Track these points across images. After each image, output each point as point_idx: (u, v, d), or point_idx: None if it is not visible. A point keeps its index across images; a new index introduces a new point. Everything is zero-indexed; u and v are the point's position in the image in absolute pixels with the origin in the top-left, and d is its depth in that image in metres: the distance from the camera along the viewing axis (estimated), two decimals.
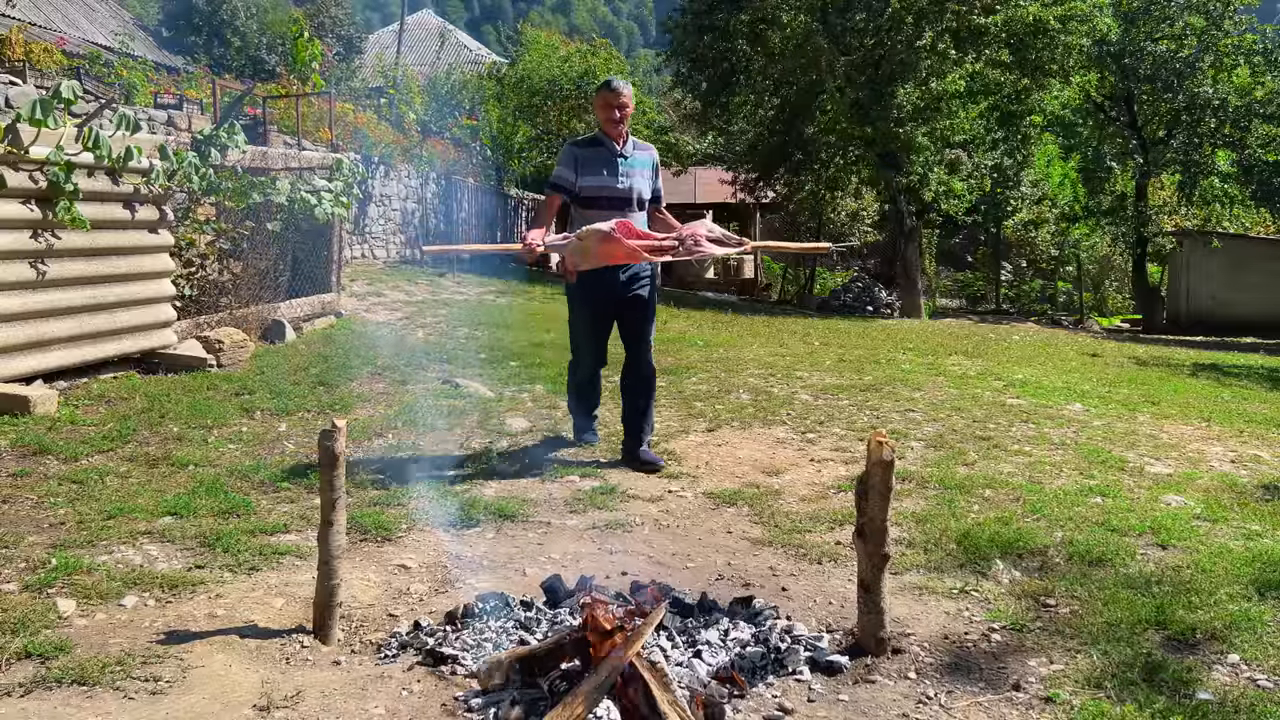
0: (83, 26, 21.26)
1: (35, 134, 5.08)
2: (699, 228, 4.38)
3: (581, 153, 4.76)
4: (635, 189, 4.73)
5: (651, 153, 4.91)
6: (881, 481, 2.65)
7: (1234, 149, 20.20)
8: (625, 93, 4.72)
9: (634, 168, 4.75)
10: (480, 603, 2.92)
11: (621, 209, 4.66)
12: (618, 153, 4.73)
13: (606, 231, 4.20)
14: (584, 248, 4.25)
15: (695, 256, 4.38)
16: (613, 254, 4.24)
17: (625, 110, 4.69)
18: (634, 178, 4.74)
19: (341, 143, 13.41)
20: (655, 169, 4.87)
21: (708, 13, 18.46)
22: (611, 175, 4.71)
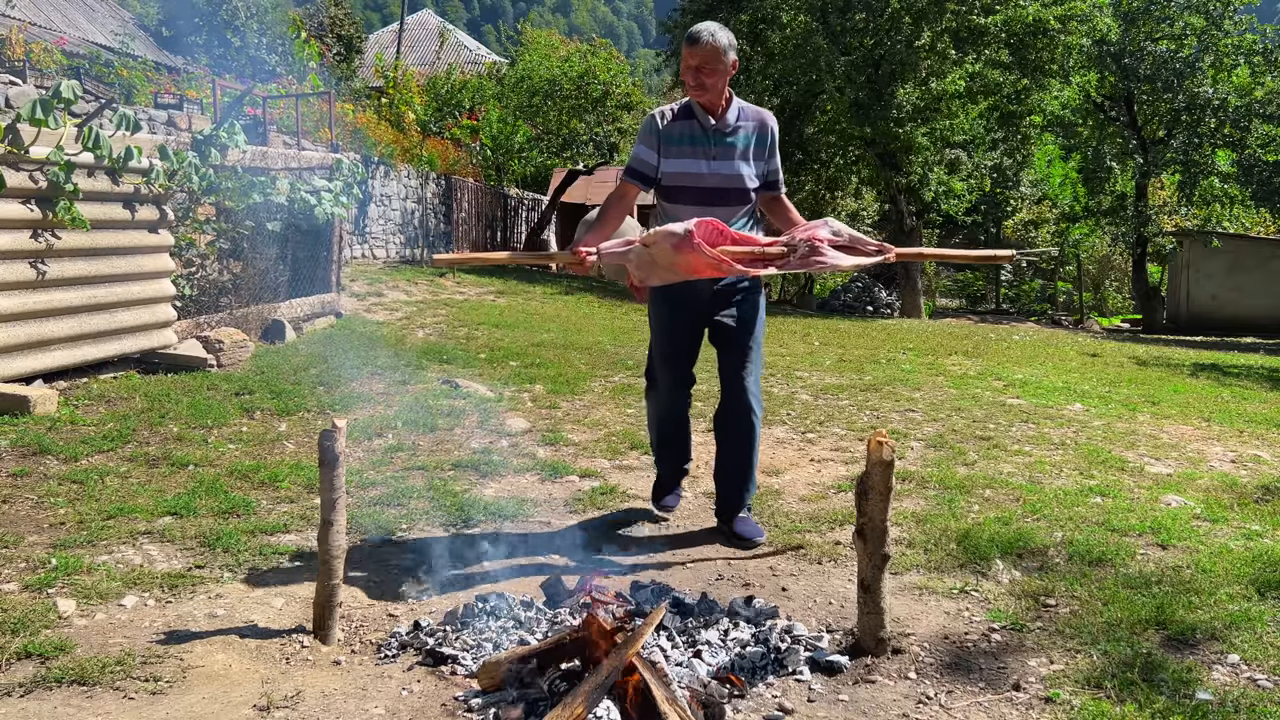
0: (83, 26, 21.26)
1: (35, 134, 5.08)
2: (819, 228, 3.30)
3: (668, 127, 3.61)
4: (733, 176, 3.59)
5: (763, 120, 3.67)
6: (881, 481, 2.65)
7: (1234, 149, 20.19)
8: (707, 44, 3.44)
9: (733, 145, 3.59)
10: (480, 603, 2.92)
11: (712, 204, 3.56)
12: (709, 128, 3.58)
13: (681, 235, 3.14)
14: (651, 257, 3.24)
15: (814, 268, 3.30)
16: (692, 265, 3.18)
17: (706, 71, 3.46)
18: (731, 160, 3.59)
19: (341, 143, 13.42)
20: (768, 142, 3.67)
21: (707, 13, 18.45)
22: (697, 158, 3.58)
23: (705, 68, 3.47)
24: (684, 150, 3.60)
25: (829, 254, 3.26)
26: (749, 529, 3.76)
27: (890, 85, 16.73)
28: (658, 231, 3.21)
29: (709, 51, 3.45)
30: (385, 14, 74.76)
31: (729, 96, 3.60)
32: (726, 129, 3.60)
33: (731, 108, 3.61)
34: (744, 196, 3.64)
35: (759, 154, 3.66)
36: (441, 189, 17.27)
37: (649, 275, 3.32)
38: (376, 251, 15.07)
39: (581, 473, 4.61)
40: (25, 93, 9.21)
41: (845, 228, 3.35)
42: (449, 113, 21.31)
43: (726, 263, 3.17)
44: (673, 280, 3.35)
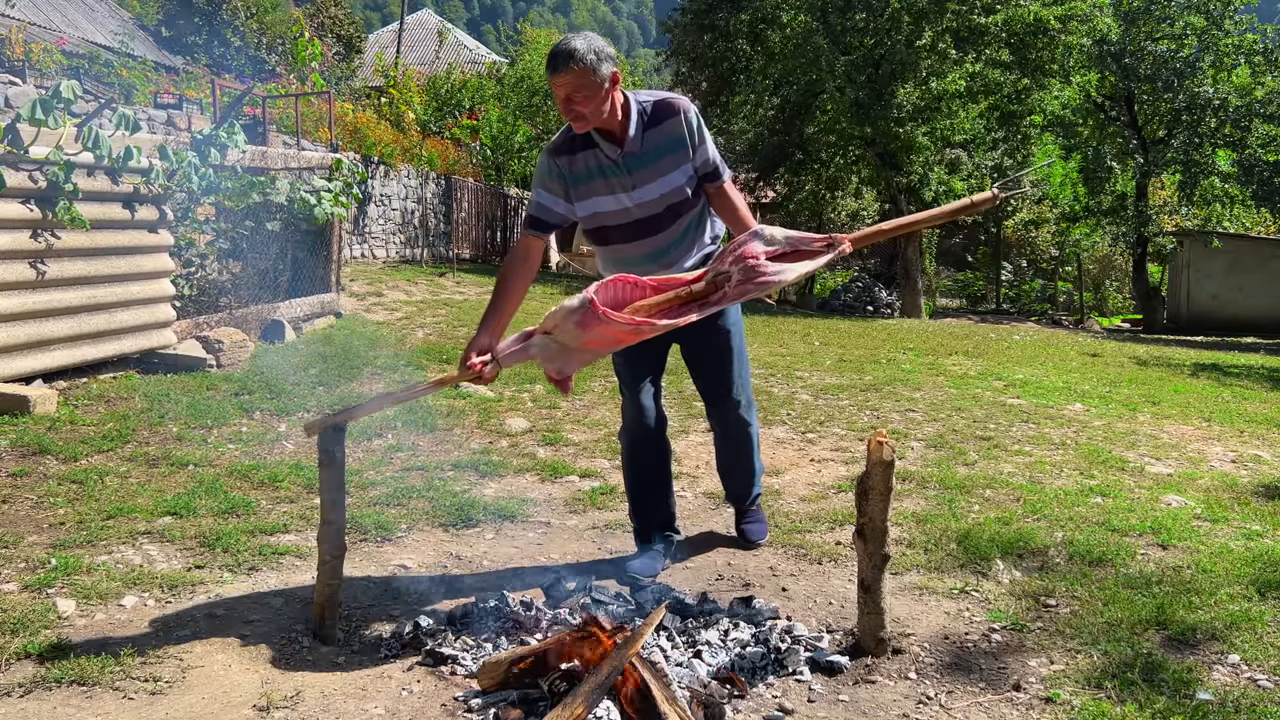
0: (83, 26, 21.26)
1: (35, 134, 5.08)
2: (750, 243, 2.71)
3: (571, 165, 3.05)
4: (662, 198, 3.07)
5: (677, 120, 3.03)
6: (881, 482, 2.65)
7: (1234, 149, 20.18)
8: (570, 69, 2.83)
9: (650, 165, 3.03)
10: (480, 603, 2.92)
11: (651, 232, 3.11)
12: (614, 157, 3.02)
13: (582, 308, 2.64)
14: (559, 344, 2.75)
15: (758, 290, 2.67)
16: (608, 337, 2.71)
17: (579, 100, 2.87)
18: (654, 182, 3.05)
19: (341, 143, 13.42)
20: (690, 137, 3.05)
21: (708, 13, 18.48)
22: (614, 192, 3.06)
23: (576, 96, 2.85)
24: (595, 187, 3.05)
25: (769, 269, 2.68)
26: (755, 529, 3.67)
27: (890, 85, 16.73)
28: (555, 312, 2.69)
29: (574, 77, 2.83)
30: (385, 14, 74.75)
31: (624, 106, 2.99)
32: (636, 150, 3.01)
33: (631, 123, 2.98)
34: (680, 207, 3.12)
35: (682, 157, 3.06)
36: (441, 189, 17.27)
37: (565, 364, 2.82)
38: (376, 251, 15.06)
39: (581, 473, 4.61)
40: (25, 93, 9.20)
41: (779, 231, 2.77)
42: (449, 112, 21.33)
43: (646, 323, 2.65)
44: (594, 359, 2.89)
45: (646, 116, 3.02)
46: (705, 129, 3.09)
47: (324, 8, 26.14)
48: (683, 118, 3.03)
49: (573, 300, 2.65)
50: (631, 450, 3.46)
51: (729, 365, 3.36)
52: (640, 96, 3.04)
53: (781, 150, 19.51)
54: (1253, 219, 23.61)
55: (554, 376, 2.85)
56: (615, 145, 3.01)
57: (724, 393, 3.41)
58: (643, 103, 3.03)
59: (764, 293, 2.71)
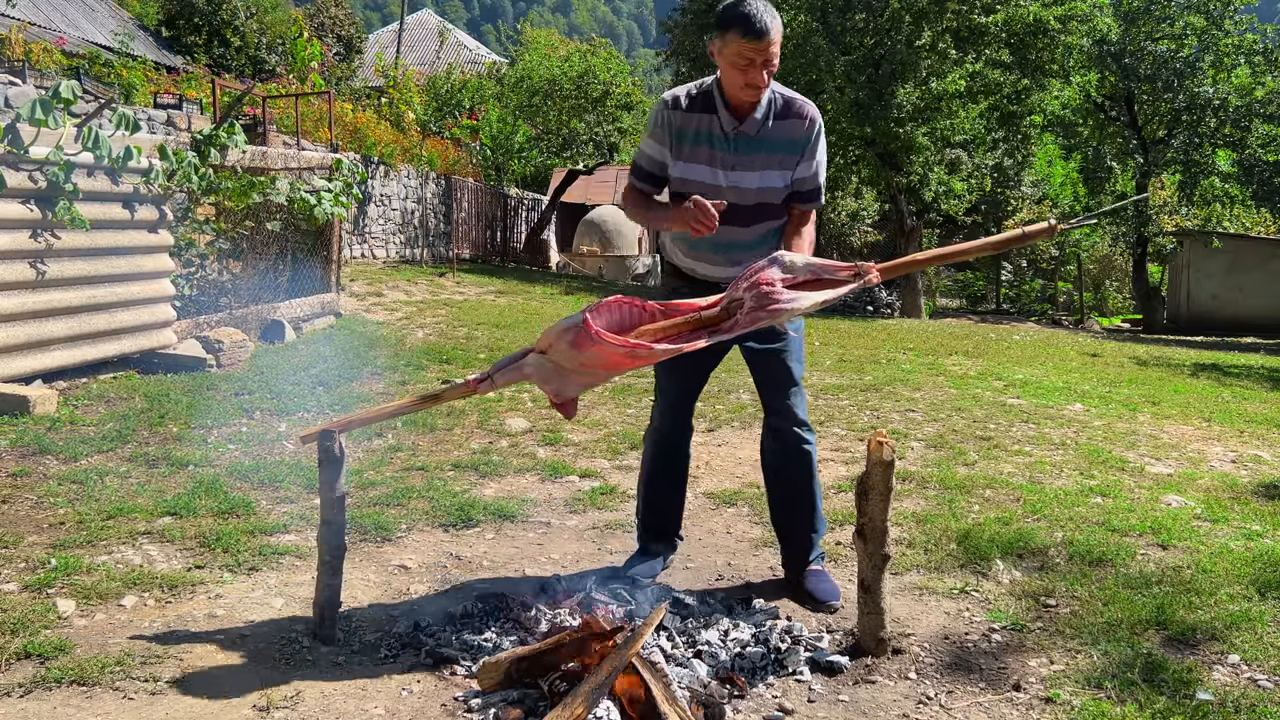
0: (83, 26, 21.26)
1: (35, 134, 5.08)
2: (767, 269, 2.60)
3: (682, 120, 2.93)
4: (753, 191, 2.93)
5: (800, 124, 2.91)
6: (882, 481, 2.65)
7: (1234, 149, 20.19)
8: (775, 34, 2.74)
9: (757, 153, 2.90)
10: (480, 603, 2.92)
11: (730, 221, 2.90)
12: (730, 130, 2.89)
13: (576, 327, 2.55)
14: (554, 364, 2.65)
15: (772, 318, 2.57)
16: (605, 361, 2.59)
17: (772, 66, 2.78)
18: (752, 171, 2.92)
19: (341, 143, 13.42)
20: (804, 146, 2.93)
21: (708, 13, 18.46)
22: (711, 164, 2.93)
23: (771, 63, 2.75)
24: (698, 153, 2.93)
25: (783, 297, 2.55)
26: (824, 587, 3.13)
27: (890, 85, 16.73)
28: (550, 330, 2.61)
29: (776, 47, 2.74)
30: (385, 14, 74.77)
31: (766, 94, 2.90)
32: (752, 131, 2.89)
33: (764, 109, 2.88)
34: (768, 211, 2.97)
35: (788, 161, 2.93)
36: (441, 189, 17.27)
37: (563, 386, 2.69)
38: (376, 251, 15.07)
39: (581, 473, 4.61)
40: (25, 93, 9.20)
41: (800, 258, 2.66)
42: (449, 112, 21.33)
43: (643, 346, 2.52)
44: (593, 383, 2.76)
45: (776, 108, 2.92)
46: (824, 149, 2.97)
47: (324, 8, 26.15)
48: (807, 124, 2.92)
49: (571, 319, 2.57)
50: (655, 457, 3.33)
51: (791, 372, 3.13)
52: (777, 87, 2.94)
53: None
54: (1253, 219, 23.61)
55: (554, 399, 2.74)
56: (735, 119, 2.89)
57: (785, 401, 3.14)
58: (776, 93, 2.92)
59: (776, 321, 2.59)
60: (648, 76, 38.98)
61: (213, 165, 6.68)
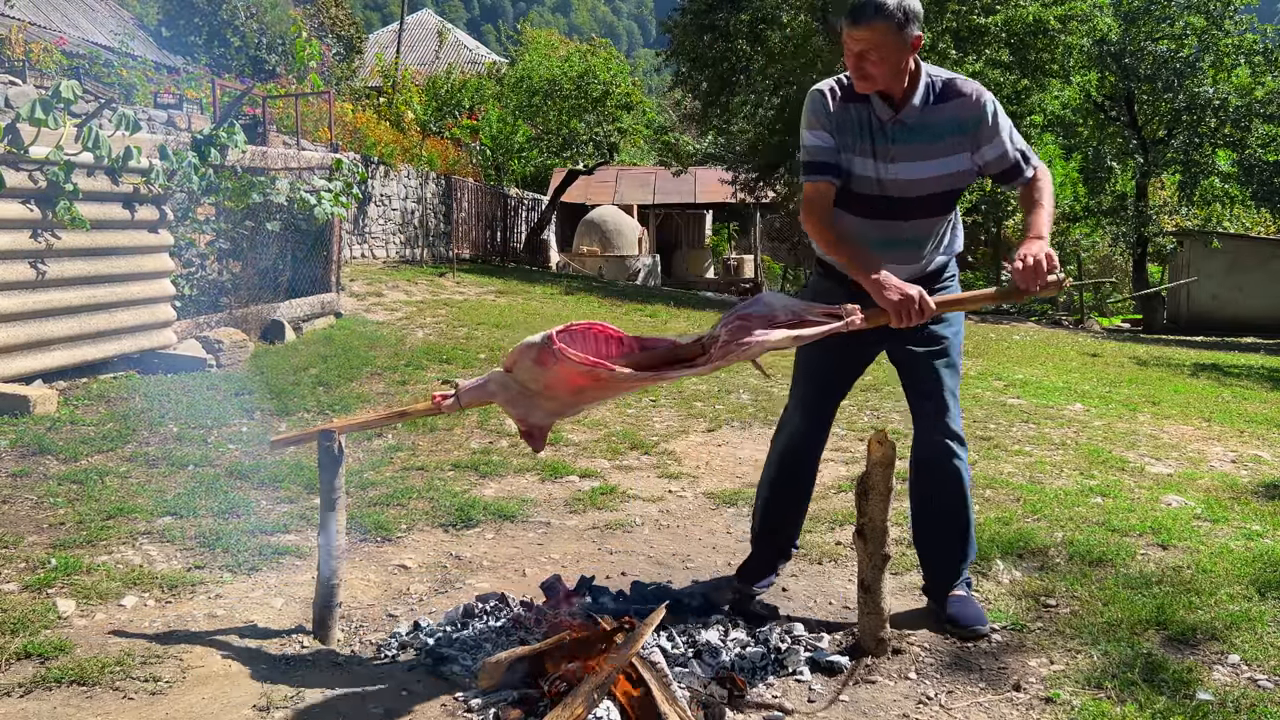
0: (83, 26, 21.26)
1: (35, 134, 5.08)
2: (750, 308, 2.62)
3: (838, 110, 2.74)
4: (917, 182, 2.73)
5: (966, 102, 2.69)
6: (882, 482, 2.65)
7: (1234, 149, 20.18)
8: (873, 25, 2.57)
9: (919, 142, 2.70)
10: (480, 603, 2.92)
11: (891, 215, 2.77)
12: (886, 120, 2.70)
13: (540, 345, 2.47)
14: (519, 384, 2.58)
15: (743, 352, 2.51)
16: (568, 383, 2.50)
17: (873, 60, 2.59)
18: (916, 161, 2.71)
19: (341, 143, 13.41)
20: (975, 129, 2.70)
21: (708, 13, 18.45)
22: (868, 157, 2.73)
23: (871, 54, 2.58)
24: (857, 145, 2.73)
25: (756, 334, 2.50)
26: (969, 612, 2.88)
27: None
28: (516, 348, 2.54)
29: (876, 34, 2.56)
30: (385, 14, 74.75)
31: (913, 72, 2.67)
32: (911, 120, 2.69)
33: (918, 91, 2.67)
34: (935, 204, 2.76)
35: (960, 145, 2.70)
36: (441, 189, 17.27)
37: (528, 411, 2.60)
38: (376, 251, 15.06)
39: (581, 473, 4.61)
40: (25, 93, 9.20)
41: (786, 300, 2.60)
42: (449, 113, 21.32)
43: (604, 366, 2.43)
44: (560, 412, 2.65)
45: (935, 92, 2.70)
46: (1005, 121, 2.71)
47: (324, 8, 26.14)
48: (975, 100, 2.68)
49: (535, 336, 2.49)
50: (782, 458, 3.08)
51: (942, 381, 2.86)
52: (933, 71, 2.74)
53: (781, 150, 19.48)
54: (1253, 219, 23.60)
55: (521, 427, 2.67)
56: (891, 108, 2.70)
57: (942, 395, 2.88)
58: (934, 76, 2.72)
59: (749, 356, 2.51)
60: (648, 76, 38.98)
61: (213, 165, 6.68)
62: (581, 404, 2.64)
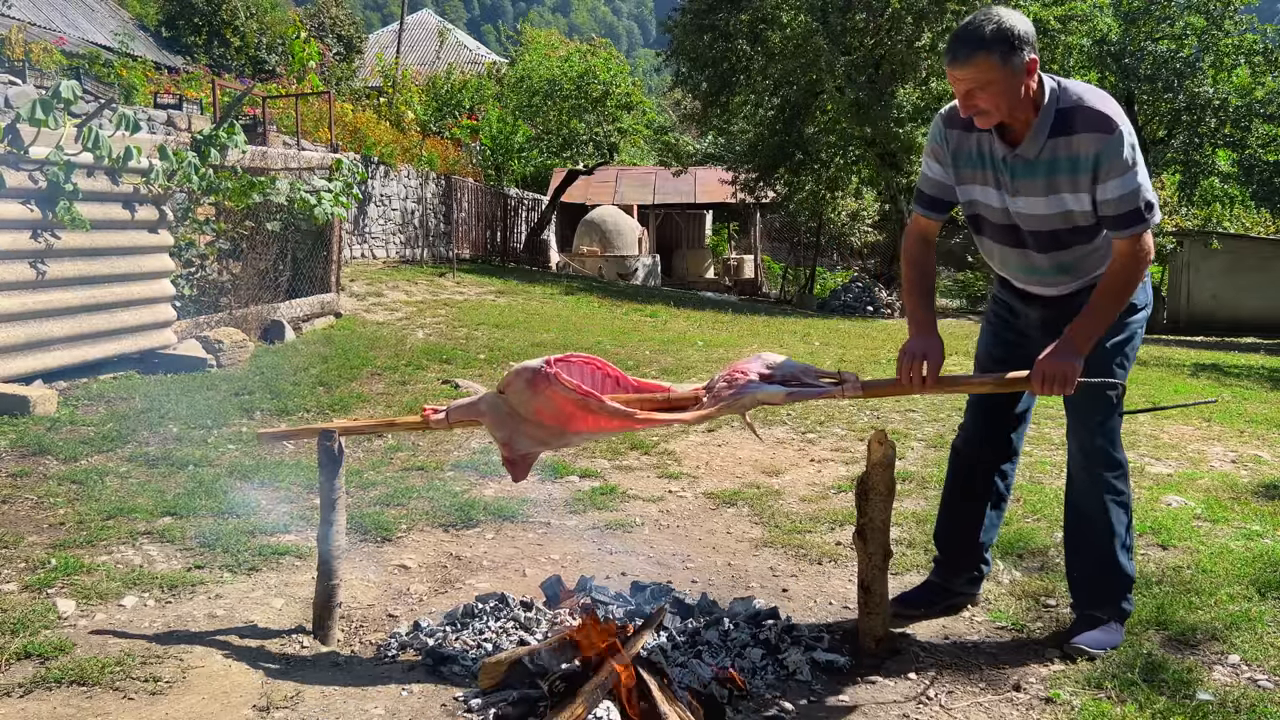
0: (82, 26, 21.26)
1: (35, 134, 5.08)
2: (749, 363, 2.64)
3: (957, 139, 2.65)
4: (1041, 217, 2.59)
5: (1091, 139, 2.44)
6: (881, 482, 2.65)
7: (1234, 149, 20.19)
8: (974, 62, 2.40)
9: (1038, 178, 2.53)
10: (480, 603, 2.92)
11: (1025, 246, 2.68)
12: (1004, 154, 2.56)
13: (534, 370, 2.50)
14: (510, 407, 2.59)
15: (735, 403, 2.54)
16: (558, 411, 2.52)
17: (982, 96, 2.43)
18: (1036, 197, 2.56)
19: (341, 143, 13.41)
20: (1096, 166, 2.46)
21: (708, 13, 18.46)
22: (988, 185, 2.64)
23: (979, 92, 2.42)
24: (975, 174, 2.64)
25: (750, 387, 2.55)
26: (1090, 636, 2.74)
27: (891, 85, 16.75)
28: (512, 370, 2.57)
29: (979, 72, 2.39)
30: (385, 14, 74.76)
31: (1037, 99, 2.48)
32: (1030, 155, 2.52)
33: (1038, 126, 2.48)
34: (1069, 237, 2.59)
35: (1076, 184, 2.50)
36: (441, 189, 17.27)
37: (514, 436, 2.61)
38: (376, 251, 15.06)
39: (581, 473, 4.61)
40: (25, 93, 9.20)
41: (786, 361, 2.63)
42: (449, 113, 21.31)
43: (594, 397, 2.46)
44: (546, 441, 2.63)
45: (1061, 119, 2.48)
46: (1132, 162, 2.44)
47: (324, 8, 26.15)
48: (1099, 138, 2.43)
49: (533, 361, 2.52)
50: (951, 467, 3.08)
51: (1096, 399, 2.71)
52: (1069, 93, 2.49)
53: (781, 150, 19.50)
54: (1253, 219, 23.60)
55: (505, 453, 2.67)
56: (1007, 143, 2.54)
57: (1087, 430, 2.76)
58: (1065, 103, 2.48)
59: (741, 409, 2.53)
60: (648, 76, 38.97)
61: (213, 165, 6.68)
62: (568, 436, 2.63)
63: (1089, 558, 2.82)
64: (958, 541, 3.06)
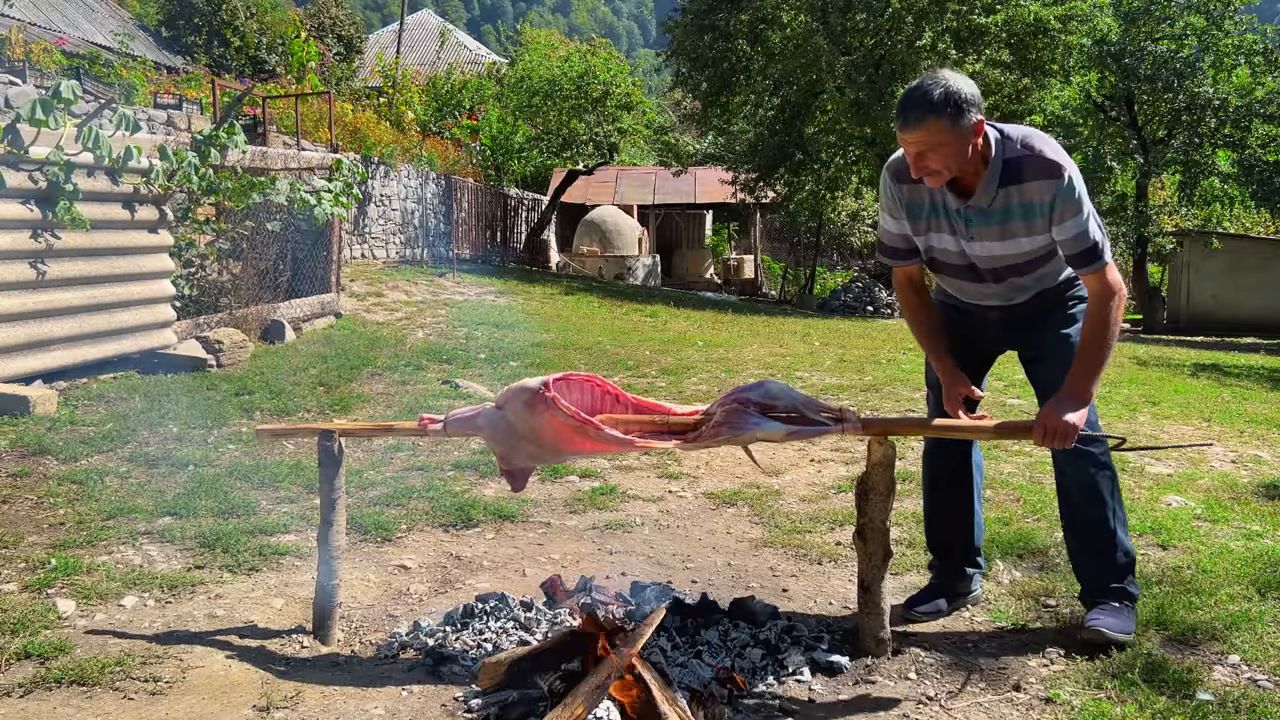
0: (82, 26, 21.26)
1: (35, 134, 5.08)
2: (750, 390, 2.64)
3: (901, 191, 2.73)
4: (1002, 257, 2.68)
5: (1043, 186, 2.54)
6: (882, 482, 2.65)
7: (1234, 149, 20.18)
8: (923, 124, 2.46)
9: (994, 225, 2.62)
10: (480, 603, 2.92)
11: (984, 281, 2.77)
12: (959, 204, 2.63)
13: (533, 390, 2.50)
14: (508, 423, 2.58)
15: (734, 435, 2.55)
16: (555, 433, 2.52)
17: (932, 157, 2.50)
18: (993, 241, 2.65)
19: (341, 143, 13.41)
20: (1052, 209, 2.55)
21: (708, 13, 18.45)
22: (943, 232, 2.73)
23: (929, 154, 2.49)
24: (929, 223, 2.72)
25: (752, 421, 2.53)
26: (1107, 619, 2.76)
27: (891, 85, 16.72)
28: (511, 387, 2.56)
29: (929, 134, 2.46)
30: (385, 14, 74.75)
31: (984, 152, 2.55)
32: (984, 204, 2.59)
33: (988, 178, 2.56)
34: (1028, 267, 2.69)
35: (1033, 227, 2.59)
36: (441, 189, 17.27)
37: (511, 451, 2.60)
38: (376, 251, 15.06)
39: (581, 473, 4.61)
40: (25, 93, 9.20)
41: (789, 391, 2.62)
42: (449, 113, 21.32)
43: (592, 425, 2.46)
44: (541, 458, 2.64)
45: (1010, 169, 2.55)
46: (1083, 201, 2.54)
47: (324, 8, 26.14)
48: (1050, 185, 2.52)
49: (533, 380, 2.53)
50: (926, 465, 3.15)
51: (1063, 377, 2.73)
52: (1013, 141, 2.56)
53: (781, 150, 19.49)
54: (1253, 219, 23.59)
55: (502, 465, 2.69)
56: (959, 196, 2.62)
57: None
58: (1011, 152, 2.56)
59: (740, 443, 2.54)
60: (648, 76, 38.97)
61: (213, 165, 6.68)
62: (564, 454, 2.63)
63: (1085, 533, 2.88)
64: (944, 535, 3.12)
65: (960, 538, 3.10)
